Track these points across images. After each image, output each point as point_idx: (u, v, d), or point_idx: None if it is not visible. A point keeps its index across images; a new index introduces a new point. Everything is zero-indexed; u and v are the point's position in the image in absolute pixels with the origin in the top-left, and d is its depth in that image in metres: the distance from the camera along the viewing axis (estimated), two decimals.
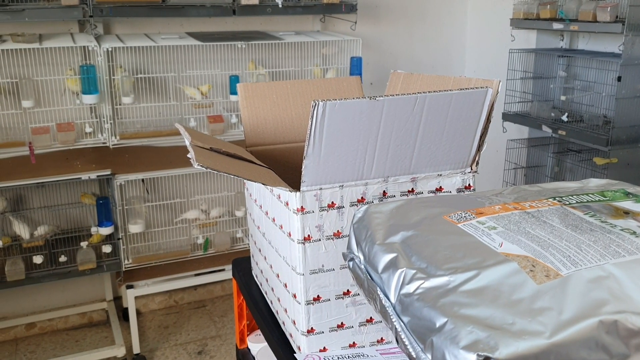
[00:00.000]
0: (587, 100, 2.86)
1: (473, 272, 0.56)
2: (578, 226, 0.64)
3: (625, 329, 0.49)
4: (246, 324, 1.42)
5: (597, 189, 0.78)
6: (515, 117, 3.04)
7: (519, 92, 3.05)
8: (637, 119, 2.52)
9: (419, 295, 0.57)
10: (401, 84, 1.26)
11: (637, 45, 2.43)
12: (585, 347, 0.48)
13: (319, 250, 0.97)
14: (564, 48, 3.10)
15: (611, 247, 0.59)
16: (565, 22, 2.66)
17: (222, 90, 2.74)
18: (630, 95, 2.50)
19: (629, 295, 0.52)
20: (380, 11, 3.27)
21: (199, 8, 2.63)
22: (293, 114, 1.28)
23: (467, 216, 0.69)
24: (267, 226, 1.13)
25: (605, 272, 0.55)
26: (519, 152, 3.20)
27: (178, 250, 2.78)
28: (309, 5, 2.84)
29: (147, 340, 2.84)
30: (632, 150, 2.55)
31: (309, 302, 0.99)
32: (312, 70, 2.88)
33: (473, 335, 0.49)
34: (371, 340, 1.05)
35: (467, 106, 0.97)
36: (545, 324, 0.49)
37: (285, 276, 1.05)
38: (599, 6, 2.52)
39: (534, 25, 2.93)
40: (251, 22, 3.00)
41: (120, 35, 2.74)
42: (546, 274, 0.55)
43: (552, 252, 0.58)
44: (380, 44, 3.29)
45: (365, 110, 0.91)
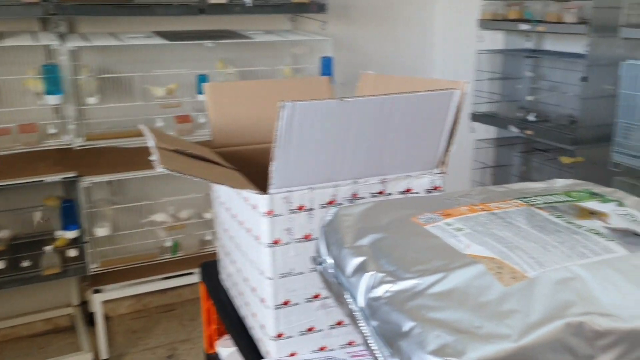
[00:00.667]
0: (554, 100, 2.91)
1: (440, 275, 0.56)
2: (544, 227, 0.64)
3: (591, 331, 0.49)
4: (215, 329, 1.41)
5: (563, 190, 0.78)
6: (483, 118, 3.07)
7: (486, 93, 3.09)
8: (602, 119, 2.56)
9: (387, 299, 0.57)
10: (371, 85, 1.26)
11: (602, 46, 2.47)
12: (551, 349, 0.48)
13: (288, 254, 0.96)
14: (531, 49, 3.14)
15: (577, 247, 0.59)
16: (532, 23, 2.70)
17: (190, 89, 2.71)
18: (595, 95, 2.54)
19: (595, 297, 0.52)
20: (351, 11, 3.27)
21: (166, 7, 2.59)
22: (262, 114, 1.27)
23: (435, 218, 0.68)
24: (235, 229, 1.11)
25: (571, 273, 0.55)
26: (487, 151, 3.23)
27: (146, 253, 2.74)
28: (278, 4, 2.82)
29: (115, 346, 2.79)
30: (598, 149, 2.59)
31: (278, 306, 0.98)
32: (283, 69, 2.86)
33: (440, 339, 0.49)
34: (341, 343, 1.04)
35: (435, 107, 0.97)
36: (512, 327, 0.49)
37: (254, 280, 1.03)
38: (565, 7, 2.56)
39: (501, 27, 2.96)
40: (220, 21, 2.97)
41: (85, 34, 2.69)
42: (513, 276, 0.55)
43: (519, 253, 0.58)
44: (351, 44, 3.29)
45: (335, 112, 0.91)
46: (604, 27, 2.44)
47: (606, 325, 0.49)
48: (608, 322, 0.50)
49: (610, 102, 2.51)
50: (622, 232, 0.64)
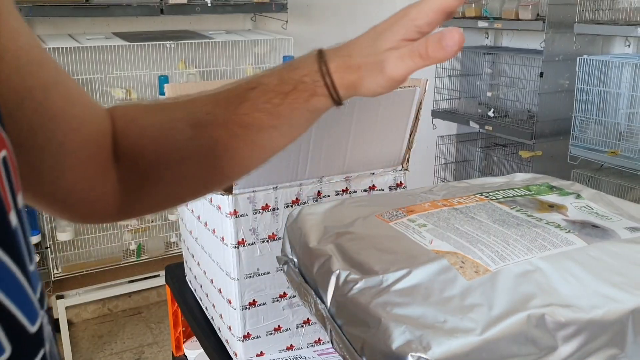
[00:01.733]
0: (512, 96, 2.96)
1: (405, 271, 0.56)
2: (505, 221, 0.65)
3: (553, 322, 0.50)
4: (182, 331, 1.39)
5: (523, 184, 0.79)
6: (444, 114, 3.11)
7: (447, 90, 3.13)
8: (559, 113, 2.62)
9: (353, 296, 0.57)
10: None
11: (557, 42, 2.53)
12: (515, 342, 0.49)
13: (253, 254, 0.96)
14: (489, 46, 3.19)
15: (537, 240, 0.61)
16: (490, 21, 2.75)
17: (151, 90, 2.67)
18: (552, 90, 2.60)
19: (555, 288, 0.53)
20: (312, 10, 3.27)
21: (125, 7, 2.55)
22: None
23: (399, 214, 0.69)
24: (199, 231, 1.10)
25: (532, 266, 0.56)
26: (449, 147, 3.27)
27: (110, 257, 2.69)
28: (239, 4, 2.81)
29: (80, 352, 2.74)
30: (555, 143, 2.66)
31: (245, 307, 0.97)
32: (245, 69, 2.85)
33: (406, 335, 0.49)
34: (309, 341, 1.04)
35: (396, 105, 0.98)
36: (476, 321, 0.50)
37: (220, 282, 1.03)
38: (521, 5, 2.61)
39: (459, 24, 3.00)
40: (180, 22, 2.94)
41: (41, 36, 2.63)
42: (475, 270, 0.55)
43: (481, 247, 0.59)
44: (312, 43, 3.27)
45: None
46: (560, 24, 2.50)
47: (567, 316, 0.51)
48: (569, 313, 0.51)
49: (567, 96, 2.58)
50: (580, 224, 0.65)
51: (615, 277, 0.55)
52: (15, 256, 0.33)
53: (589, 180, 2.42)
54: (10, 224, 0.33)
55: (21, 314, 0.33)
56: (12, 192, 0.34)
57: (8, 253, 0.32)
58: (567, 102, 2.56)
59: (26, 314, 0.33)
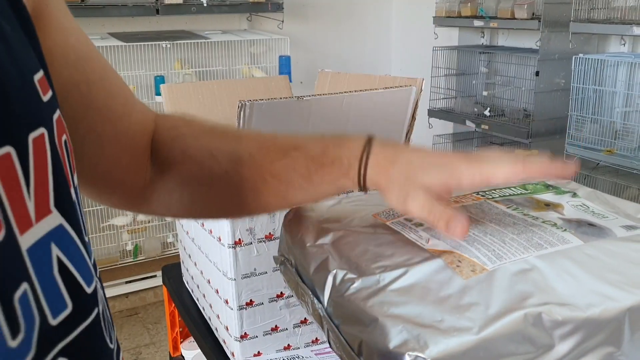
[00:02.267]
0: (508, 95, 2.96)
1: (402, 270, 0.56)
2: (502, 220, 0.65)
3: (550, 320, 0.50)
4: (179, 331, 1.39)
5: (519, 182, 0.79)
6: (440, 113, 3.11)
7: (443, 89, 3.13)
8: (555, 112, 2.63)
9: (350, 296, 0.57)
10: (329, 83, 1.26)
11: (553, 40, 2.54)
12: (512, 340, 0.49)
13: (250, 254, 0.96)
14: (485, 45, 3.19)
15: (534, 239, 0.61)
16: (485, 20, 2.75)
17: (147, 91, 2.67)
18: (548, 89, 2.61)
19: (552, 287, 0.53)
20: (308, 10, 3.27)
21: (120, 8, 2.55)
22: (220, 114, 1.26)
23: (395, 214, 0.69)
24: (196, 231, 1.10)
25: (529, 264, 0.56)
26: (445, 147, 3.28)
27: (107, 257, 2.69)
28: (234, 3, 2.80)
29: None
30: (551, 142, 2.66)
31: (242, 307, 0.97)
32: (241, 69, 2.85)
33: (403, 335, 0.49)
34: (306, 341, 1.04)
35: (392, 104, 0.98)
36: (473, 320, 0.50)
37: (217, 282, 1.03)
38: (517, 4, 2.62)
39: (455, 23, 3.00)
40: (176, 22, 2.93)
41: None
42: (472, 269, 0.55)
43: (478, 246, 0.59)
44: (308, 43, 3.30)
45: (293, 110, 0.90)
46: (555, 23, 2.50)
47: (564, 315, 0.51)
48: (565, 312, 0.51)
49: (563, 95, 2.58)
50: (577, 223, 0.66)
51: (612, 275, 0.56)
52: (76, 226, 0.38)
53: (585, 178, 2.42)
54: (72, 197, 0.38)
55: (80, 277, 0.37)
56: (71, 171, 0.39)
57: (70, 223, 0.37)
58: (563, 101, 2.56)
59: (84, 276, 0.38)
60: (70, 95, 0.50)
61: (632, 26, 2.15)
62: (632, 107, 2.31)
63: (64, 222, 0.36)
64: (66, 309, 0.35)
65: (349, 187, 0.59)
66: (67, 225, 0.36)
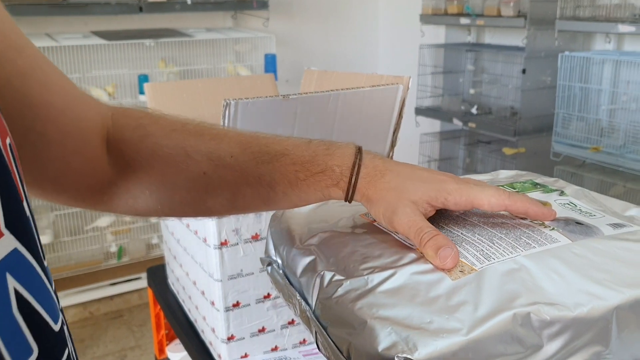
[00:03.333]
0: (495, 93, 2.97)
1: (390, 272, 0.56)
2: (490, 219, 0.65)
3: (539, 320, 0.50)
4: (165, 334, 1.38)
5: (507, 181, 0.79)
6: (427, 112, 3.11)
7: (430, 87, 3.13)
8: (542, 110, 2.64)
9: (338, 298, 0.56)
10: (315, 81, 1.25)
11: (539, 38, 2.54)
12: (501, 341, 0.49)
13: (236, 255, 0.95)
14: (472, 43, 3.20)
15: (522, 238, 0.60)
16: (472, 18, 2.75)
17: (131, 90, 2.64)
18: (534, 87, 2.62)
19: (540, 286, 0.53)
20: (293, 7, 3.26)
21: (103, 6, 2.52)
22: (205, 113, 1.25)
23: None
24: (181, 232, 1.09)
25: (517, 264, 0.56)
26: (432, 145, 3.28)
27: (91, 259, 2.66)
28: (219, 1, 2.79)
29: None
30: (538, 140, 2.67)
31: (228, 308, 0.96)
32: (226, 67, 2.83)
33: (392, 336, 0.48)
34: (293, 342, 1.03)
35: (379, 103, 0.97)
36: (462, 321, 0.49)
37: (203, 283, 1.01)
38: (503, 2, 2.62)
39: (442, 21, 3.01)
40: (159, 20, 2.91)
41: None
42: (461, 270, 0.55)
43: (466, 246, 0.58)
44: (294, 41, 3.28)
45: (279, 109, 0.89)
46: (541, 20, 2.51)
47: (552, 314, 0.50)
48: (554, 311, 0.50)
49: (549, 93, 2.59)
50: (564, 221, 0.65)
51: (599, 274, 0.55)
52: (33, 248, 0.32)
53: (571, 176, 2.44)
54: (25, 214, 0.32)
55: (44, 312, 0.31)
56: (21, 181, 0.33)
57: (25, 245, 0.31)
58: (549, 98, 2.57)
59: (49, 311, 0.32)
60: (3, 91, 0.44)
61: (617, 24, 2.16)
62: (617, 104, 2.32)
63: (19, 246, 0.30)
64: (31, 354, 0.29)
65: (336, 196, 0.58)
66: (23, 249, 0.30)
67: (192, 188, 0.58)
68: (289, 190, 0.58)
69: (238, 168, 0.56)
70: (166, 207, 0.60)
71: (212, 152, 0.56)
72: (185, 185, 0.57)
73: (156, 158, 0.56)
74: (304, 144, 0.58)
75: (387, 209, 0.55)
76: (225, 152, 0.56)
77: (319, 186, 0.57)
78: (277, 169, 0.56)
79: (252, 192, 0.58)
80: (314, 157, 0.57)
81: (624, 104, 2.27)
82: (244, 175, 0.57)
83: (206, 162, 0.56)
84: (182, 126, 0.58)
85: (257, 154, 0.57)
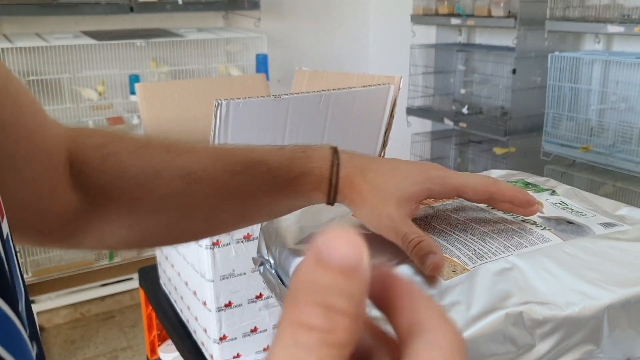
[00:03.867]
0: (486, 93, 2.98)
1: None
2: (482, 219, 0.65)
3: (531, 320, 0.50)
4: (156, 334, 1.37)
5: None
6: (418, 112, 3.12)
7: (421, 87, 3.14)
8: (532, 109, 2.65)
9: None
10: (306, 81, 1.25)
11: (529, 39, 2.55)
12: (493, 340, 0.49)
13: (228, 255, 0.95)
14: (462, 43, 3.21)
15: (514, 238, 0.60)
16: (463, 18, 2.76)
17: (122, 90, 2.63)
18: (524, 87, 2.63)
19: (533, 286, 0.53)
20: (284, 7, 3.26)
21: (93, 6, 2.51)
22: (197, 113, 1.24)
23: None
24: None
25: (509, 263, 0.56)
26: (423, 145, 3.29)
27: (82, 260, 2.65)
28: (210, 1, 2.78)
29: (52, 358, 2.69)
30: (528, 140, 2.68)
31: (220, 308, 0.96)
32: (217, 67, 2.82)
33: None
34: None
35: (370, 103, 0.97)
36: (454, 320, 0.49)
37: (194, 283, 1.01)
38: (493, 2, 2.63)
39: (433, 21, 3.01)
40: (150, 20, 2.90)
41: (8, 35, 2.57)
42: (453, 269, 0.55)
43: (458, 246, 0.58)
44: (285, 41, 3.28)
45: (271, 109, 0.89)
46: (531, 21, 2.52)
47: (544, 314, 0.50)
48: (546, 311, 0.51)
49: (539, 93, 2.60)
50: (556, 221, 0.66)
51: (591, 273, 0.56)
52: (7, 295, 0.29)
53: (561, 176, 2.45)
54: None
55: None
56: None
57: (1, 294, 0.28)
58: (539, 98, 2.59)
59: None
60: None
61: (606, 24, 2.18)
62: (607, 104, 2.34)
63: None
64: None
65: (318, 200, 0.55)
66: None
67: (164, 210, 0.53)
68: (269, 199, 0.54)
69: (211, 182, 0.52)
70: (138, 235, 0.55)
71: (182, 167, 0.52)
72: (156, 208, 0.53)
73: (122, 179, 0.51)
74: (277, 149, 0.55)
75: (372, 212, 0.53)
76: (195, 166, 0.52)
77: (300, 191, 0.54)
78: (253, 178, 0.53)
79: (230, 206, 0.54)
80: (291, 161, 0.54)
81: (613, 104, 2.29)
82: (218, 190, 0.53)
83: (177, 179, 0.52)
84: (148, 143, 0.54)
85: (230, 164, 0.53)
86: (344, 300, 0.20)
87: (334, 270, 0.20)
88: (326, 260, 0.20)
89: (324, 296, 0.20)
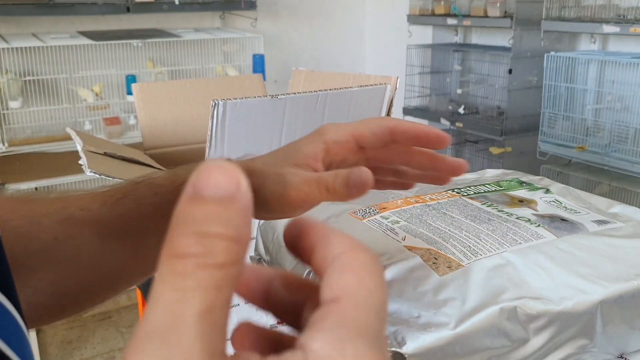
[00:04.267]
0: (482, 93, 2.99)
1: None
2: (477, 216, 0.65)
3: (525, 314, 0.51)
4: None
5: (493, 179, 0.80)
6: (415, 112, 3.13)
7: (417, 87, 3.14)
8: (528, 109, 2.66)
9: None
10: (303, 81, 1.26)
11: (525, 39, 2.56)
12: (488, 334, 0.50)
13: None
14: (459, 43, 3.22)
15: (508, 235, 0.61)
16: (459, 18, 2.77)
17: (119, 90, 2.63)
18: (520, 87, 2.64)
19: (526, 281, 0.54)
20: (281, 8, 3.26)
21: (90, 6, 2.51)
22: (194, 113, 1.25)
23: (372, 211, 0.69)
24: None
25: (503, 259, 0.57)
26: None
27: None
28: (207, 1, 2.78)
29: (49, 358, 2.69)
30: (524, 139, 2.69)
31: None
32: (214, 68, 2.83)
33: None
34: None
35: (367, 103, 0.98)
36: (449, 315, 0.50)
37: None
38: (490, 2, 2.64)
39: (429, 21, 3.02)
40: (147, 20, 2.90)
41: (4, 35, 2.57)
42: (448, 265, 0.56)
43: (453, 243, 0.59)
44: (282, 41, 3.29)
45: (268, 109, 0.90)
46: (527, 21, 2.53)
47: (538, 309, 0.51)
48: (539, 305, 0.51)
49: (535, 93, 2.61)
50: (550, 218, 0.66)
51: (584, 269, 0.56)
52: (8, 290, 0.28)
53: (557, 175, 2.46)
54: None
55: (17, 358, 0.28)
56: None
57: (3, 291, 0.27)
58: (535, 98, 2.60)
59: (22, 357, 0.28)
60: None
61: (602, 24, 2.19)
62: (602, 104, 2.35)
63: None
64: None
65: None
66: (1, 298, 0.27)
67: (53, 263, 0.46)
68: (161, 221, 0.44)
69: (92, 220, 0.45)
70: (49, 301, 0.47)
71: (60, 211, 0.46)
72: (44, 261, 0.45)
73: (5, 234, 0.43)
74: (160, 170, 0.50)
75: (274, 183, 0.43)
76: (73, 207, 0.46)
77: None
78: (135, 200, 0.45)
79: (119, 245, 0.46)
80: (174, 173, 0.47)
81: (608, 104, 2.30)
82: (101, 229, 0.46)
83: (55, 224, 0.45)
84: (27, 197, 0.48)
85: (107, 195, 0.46)
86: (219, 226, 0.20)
87: (210, 201, 0.20)
88: (201, 193, 0.20)
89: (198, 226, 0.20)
